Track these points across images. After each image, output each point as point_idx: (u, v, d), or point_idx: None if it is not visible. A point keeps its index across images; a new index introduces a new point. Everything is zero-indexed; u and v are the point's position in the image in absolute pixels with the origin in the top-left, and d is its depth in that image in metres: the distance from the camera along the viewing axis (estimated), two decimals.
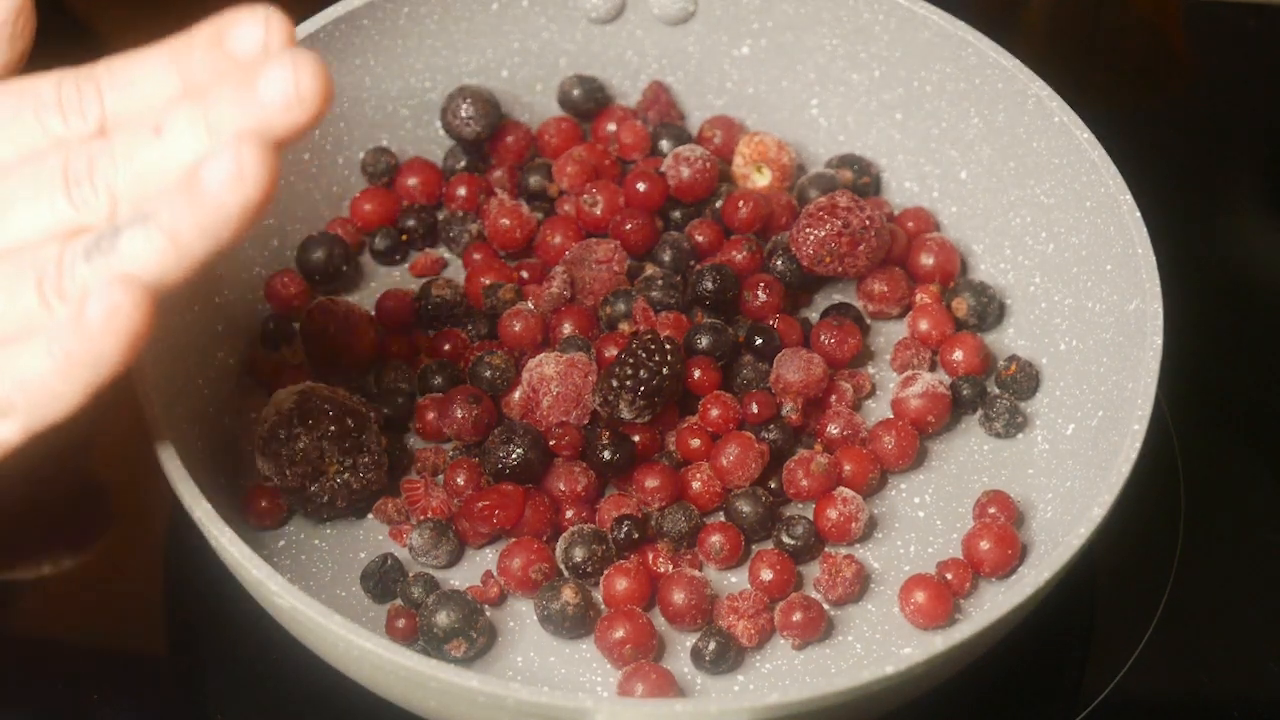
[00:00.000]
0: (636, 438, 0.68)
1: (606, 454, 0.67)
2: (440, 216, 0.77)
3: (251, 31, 0.52)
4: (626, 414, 0.67)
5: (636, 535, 0.66)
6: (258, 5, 0.53)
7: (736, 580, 0.67)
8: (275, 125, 0.50)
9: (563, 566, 0.66)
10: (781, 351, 0.70)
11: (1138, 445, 0.61)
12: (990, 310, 0.74)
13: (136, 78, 0.53)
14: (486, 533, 0.66)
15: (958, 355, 0.73)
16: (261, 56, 0.52)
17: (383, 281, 0.76)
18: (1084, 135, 0.70)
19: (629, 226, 0.74)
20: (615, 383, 0.66)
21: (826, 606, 0.66)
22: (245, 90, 0.50)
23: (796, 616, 0.65)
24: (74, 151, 0.52)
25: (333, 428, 0.65)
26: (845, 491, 0.68)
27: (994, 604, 0.57)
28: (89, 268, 0.50)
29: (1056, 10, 1.01)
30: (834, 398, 0.71)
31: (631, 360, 0.66)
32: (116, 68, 0.54)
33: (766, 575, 0.66)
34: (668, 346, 0.67)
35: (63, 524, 0.71)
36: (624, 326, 0.71)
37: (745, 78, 0.80)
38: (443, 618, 0.63)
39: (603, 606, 0.65)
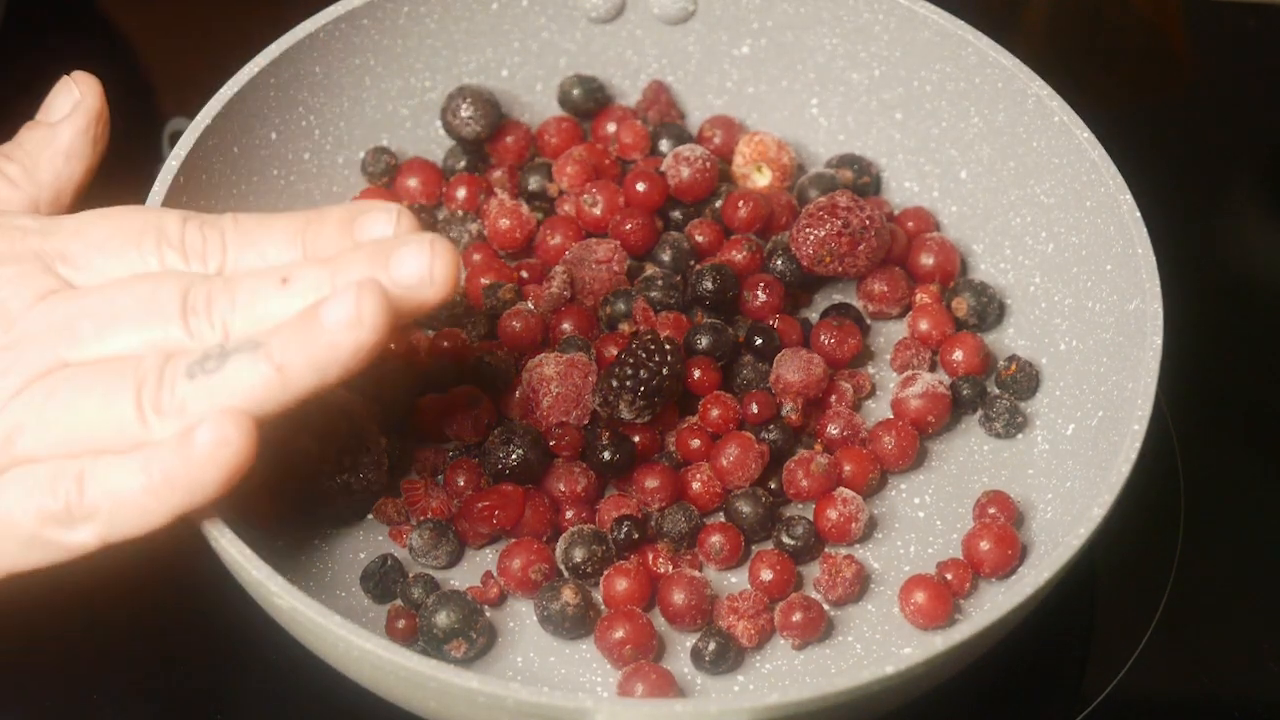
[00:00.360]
0: (636, 438, 0.68)
1: (606, 454, 0.67)
2: (440, 216, 0.77)
3: (383, 225, 0.55)
4: (626, 414, 0.67)
5: (636, 535, 0.66)
6: (390, 203, 0.56)
7: (736, 580, 0.67)
8: (402, 299, 0.53)
9: (563, 567, 0.66)
10: (781, 351, 0.70)
11: (1138, 445, 0.61)
12: (990, 310, 0.74)
13: (262, 240, 0.57)
14: (486, 533, 0.66)
15: (958, 355, 0.73)
16: (391, 241, 0.55)
17: None
18: (1084, 135, 0.70)
19: (629, 226, 0.74)
20: (615, 383, 0.66)
21: (826, 606, 0.66)
22: (378, 262, 0.53)
23: (796, 616, 0.65)
24: (195, 283, 0.54)
25: (332, 428, 0.65)
26: (845, 492, 0.68)
27: (994, 604, 0.57)
28: (190, 385, 0.52)
29: (1056, 10, 1.01)
30: (834, 398, 0.71)
31: (631, 360, 0.66)
32: (244, 227, 0.57)
33: (766, 575, 0.66)
34: (668, 346, 0.67)
35: None
36: (624, 326, 0.71)
37: (745, 78, 0.80)
38: (443, 618, 0.63)
39: (603, 607, 0.65)
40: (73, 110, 0.63)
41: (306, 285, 0.53)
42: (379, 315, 0.51)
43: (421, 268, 0.53)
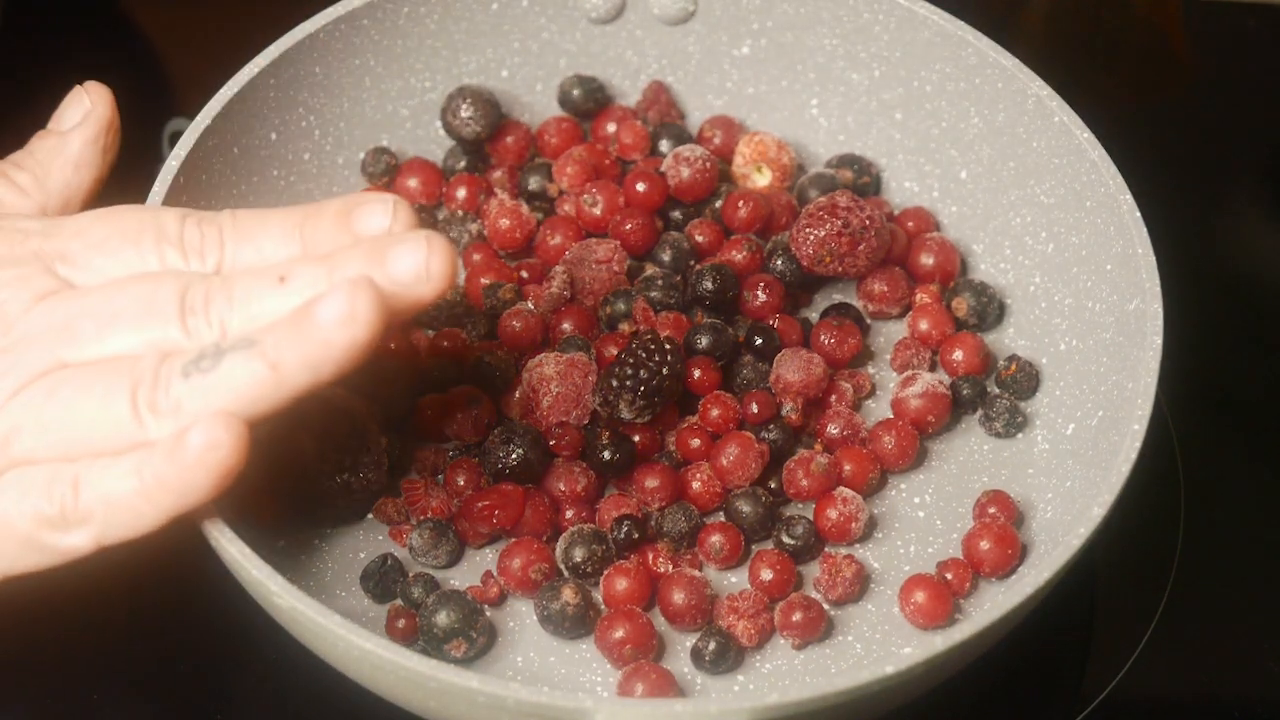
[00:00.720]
0: (636, 438, 0.68)
1: (606, 454, 0.67)
2: (440, 216, 0.77)
3: (380, 217, 0.56)
4: (626, 414, 0.67)
5: (636, 535, 0.66)
6: (386, 194, 0.57)
7: (736, 580, 0.67)
8: (398, 296, 0.53)
9: (563, 566, 0.66)
10: (781, 351, 0.70)
11: (1138, 445, 0.61)
12: (990, 310, 0.74)
13: (260, 236, 0.57)
14: (486, 533, 0.66)
15: (958, 355, 0.73)
16: (389, 236, 0.55)
17: None
18: (1084, 135, 0.70)
19: (629, 226, 0.74)
20: (615, 383, 0.66)
21: (826, 606, 0.66)
22: (375, 259, 0.53)
23: (796, 616, 0.65)
24: (194, 283, 0.54)
25: (332, 428, 0.65)
26: (845, 491, 0.68)
27: (994, 604, 0.57)
28: (185, 384, 0.52)
29: (1056, 10, 1.01)
30: (834, 398, 0.71)
31: (631, 360, 0.66)
32: (242, 223, 0.57)
33: (766, 575, 0.66)
34: (668, 346, 0.67)
35: None
36: (624, 326, 0.71)
37: (745, 78, 0.80)
38: (443, 618, 0.63)
39: (603, 606, 0.65)
40: (83, 119, 0.64)
41: (304, 283, 0.53)
42: (372, 311, 0.51)
43: (418, 264, 0.53)
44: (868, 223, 0.72)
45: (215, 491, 0.52)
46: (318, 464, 0.65)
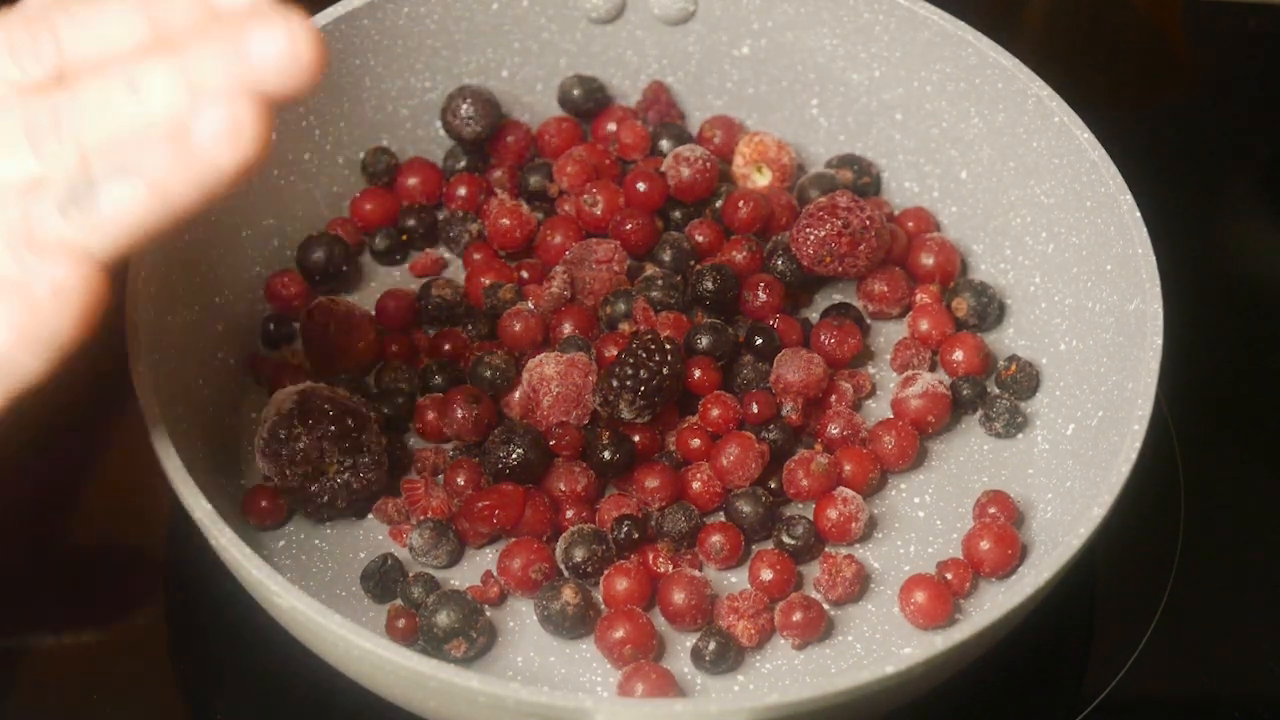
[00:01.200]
0: (636, 438, 0.68)
1: (606, 454, 0.67)
2: (440, 216, 0.77)
3: None
4: (626, 414, 0.67)
5: (636, 535, 0.66)
6: None
7: (736, 580, 0.67)
8: (267, 89, 0.48)
9: (563, 566, 0.66)
10: (781, 351, 0.70)
11: (1138, 445, 0.61)
12: (990, 310, 0.74)
13: (98, 22, 0.50)
14: (486, 533, 0.66)
15: (958, 355, 0.73)
16: (245, 12, 0.49)
17: (383, 281, 0.76)
18: (1084, 135, 0.70)
19: (629, 226, 0.74)
20: (615, 383, 0.66)
21: (826, 606, 0.66)
22: (233, 50, 0.48)
23: (796, 616, 0.65)
24: (37, 103, 0.49)
25: (333, 428, 0.65)
26: (845, 491, 0.68)
27: (994, 604, 0.57)
28: (64, 222, 0.49)
29: (1056, 10, 1.01)
30: (834, 398, 0.71)
31: (631, 360, 0.66)
32: (75, 10, 0.51)
33: (766, 575, 0.66)
34: (668, 346, 0.67)
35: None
36: (624, 326, 0.71)
37: (745, 78, 0.80)
38: (443, 618, 0.63)
39: (603, 606, 0.65)
40: None
41: (157, 87, 0.49)
42: (257, 124, 0.48)
43: (282, 48, 0.48)
44: (868, 223, 0.72)
45: (80, 331, 0.49)
46: (318, 464, 0.65)
